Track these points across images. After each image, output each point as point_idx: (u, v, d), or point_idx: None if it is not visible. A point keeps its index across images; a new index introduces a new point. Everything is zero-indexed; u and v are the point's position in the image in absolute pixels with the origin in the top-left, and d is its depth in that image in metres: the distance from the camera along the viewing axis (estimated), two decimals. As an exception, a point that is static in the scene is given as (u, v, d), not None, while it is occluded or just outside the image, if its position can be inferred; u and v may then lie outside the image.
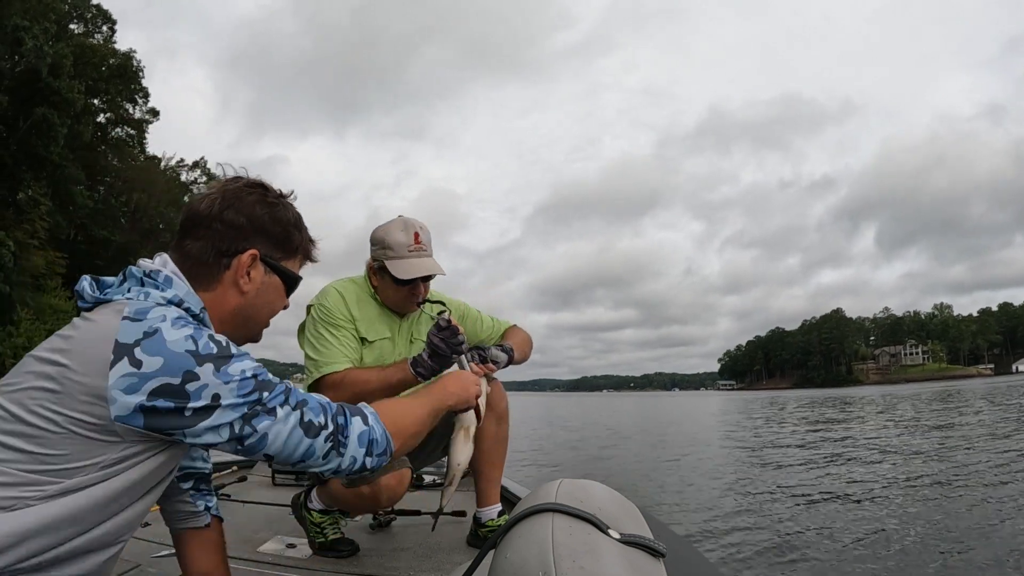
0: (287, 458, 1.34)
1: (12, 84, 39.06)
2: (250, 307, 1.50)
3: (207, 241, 1.43)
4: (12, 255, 35.81)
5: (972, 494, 9.41)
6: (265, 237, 1.49)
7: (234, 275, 1.45)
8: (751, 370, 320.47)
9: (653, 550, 1.04)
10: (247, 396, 1.26)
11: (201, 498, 1.74)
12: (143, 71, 52.32)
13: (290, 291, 1.58)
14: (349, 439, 1.40)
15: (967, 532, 7.29)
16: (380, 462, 1.46)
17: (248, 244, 1.46)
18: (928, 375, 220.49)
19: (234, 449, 1.30)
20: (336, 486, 2.58)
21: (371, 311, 2.80)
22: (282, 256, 1.53)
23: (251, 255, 1.46)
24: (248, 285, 1.47)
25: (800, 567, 6.50)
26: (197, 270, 1.43)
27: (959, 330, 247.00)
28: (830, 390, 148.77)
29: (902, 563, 6.43)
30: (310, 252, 1.62)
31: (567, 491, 1.12)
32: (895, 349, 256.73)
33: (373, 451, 1.44)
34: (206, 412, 1.23)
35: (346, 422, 1.41)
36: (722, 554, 7.01)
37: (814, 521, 8.44)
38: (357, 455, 1.42)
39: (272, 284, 1.52)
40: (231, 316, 1.47)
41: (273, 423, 1.29)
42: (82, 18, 49.02)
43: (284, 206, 1.54)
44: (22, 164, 41.13)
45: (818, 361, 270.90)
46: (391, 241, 2.70)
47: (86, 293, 1.33)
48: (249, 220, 1.46)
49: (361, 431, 1.43)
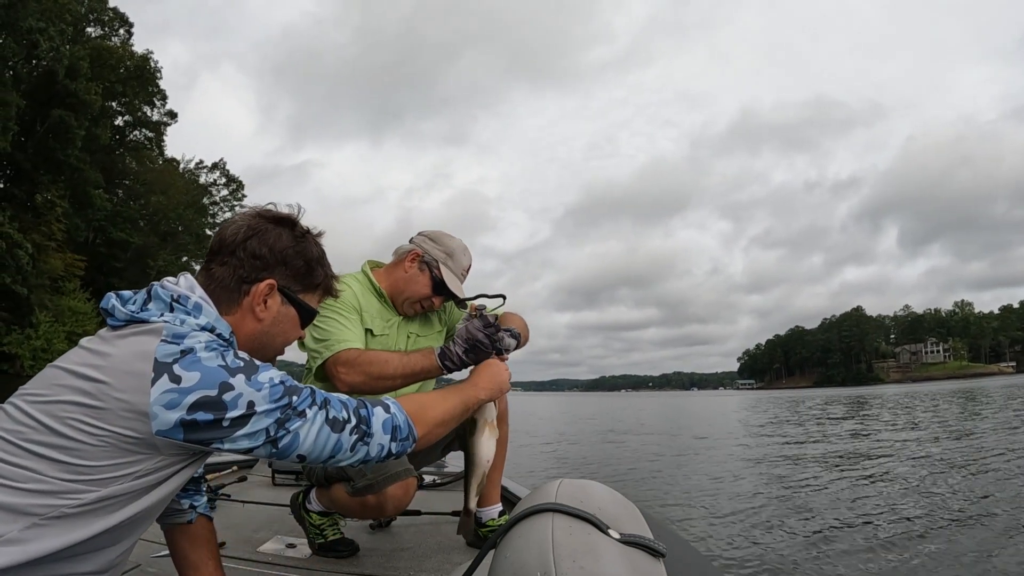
0: (318, 456, 1.39)
1: (29, 87, 39.49)
2: (265, 335, 1.54)
3: (230, 268, 1.49)
4: (30, 257, 36.28)
5: (995, 510, 8.73)
6: (286, 269, 1.53)
7: (251, 302, 1.50)
8: (770, 369, 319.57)
9: (653, 550, 1.03)
10: (279, 401, 1.31)
11: (186, 497, 1.78)
12: (160, 72, 52.77)
13: (305, 324, 1.63)
14: (373, 428, 1.46)
15: (981, 547, 7.09)
16: (405, 447, 1.54)
17: (268, 274, 1.51)
18: (949, 373, 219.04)
19: (268, 452, 1.34)
20: (340, 493, 2.58)
21: (373, 306, 2.80)
22: (301, 289, 1.58)
23: (268, 284, 1.50)
24: (264, 313, 1.52)
25: (801, 567, 6.46)
26: (221, 294, 1.48)
27: (980, 327, 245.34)
28: (850, 389, 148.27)
29: (905, 565, 6.38)
30: (331, 288, 1.67)
31: (567, 491, 1.11)
32: (916, 347, 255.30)
33: (397, 436, 1.51)
34: (243, 420, 1.28)
35: (368, 413, 1.47)
36: (722, 554, 6.97)
37: (815, 522, 8.36)
38: (383, 442, 1.48)
39: (288, 315, 1.57)
40: (247, 341, 1.51)
41: (304, 423, 1.35)
42: (99, 21, 49.51)
43: (309, 242, 1.59)
44: (39, 167, 41.63)
45: (838, 359, 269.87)
46: (457, 257, 2.81)
47: (117, 311, 1.36)
48: (271, 252, 1.51)
49: (384, 419, 1.49)
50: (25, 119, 39.31)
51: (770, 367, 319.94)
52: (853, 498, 9.79)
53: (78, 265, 42.88)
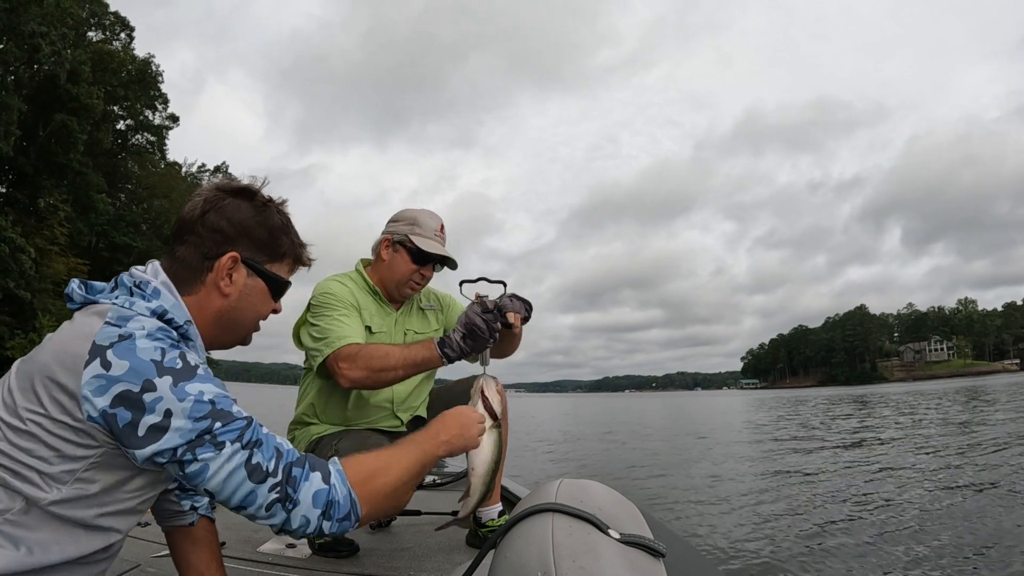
0: (226, 500, 1.23)
1: (31, 92, 39.54)
2: (233, 310, 1.47)
3: (191, 246, 1.43)
4: (33, 261, 36.28)
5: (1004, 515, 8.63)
6: (249, 240, 1.47)
7: (215, 278, 1.43)
8: (774, 368, 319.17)
9: (653, 550, 1.03)
10: (199, 421, 1.20)
11: (187, 498, 1.74)
12: (162, 76, 52.85)
13: (277, 295, 1.55)
14: (300, 495, 1.26)
15: (983, 546, 7.04)
16: (343, 528, 1.31)
17: (230, 247, 1.44)
18: (953, 371, 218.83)
19: (176, 474, 1.22)
20: None
21: (370, 304, 2.82)
22: (267, 259, 1.50)
23: (231, 257, 1.43)
24: (229, 288, 1.45)
25: (801, 567, 6.45)
26: (184, 274, 1.42)
27: (984, 325, 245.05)
28: (854, 388, 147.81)
29: (906, 566, 6.36)
30: (300, 256, 1.58)
31: (567, 491, 1.11)
32: (919, 345, 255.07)
33: (332, 514, 1.28)
34: (156, 433, 1.17)
35: (301, 476, 1.27)
36: (722, 554, 6.96)
37: (816, 522, 8.32)
38: (311, 516, 1.26)
39: (256, 288, 1.49)
40: (215, 318, 1.45)
41: (216, 457, 1.21)
42: (100, 25, 49.55)
43: (271, 210, 1.52)
44: (42, 171, 41.68)
45: (842, 358, 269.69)
46: (422, 221, 2.80)
47: (75, 294, 1.35)
48: (231, 224, 1.45)
49: (318, 489, 1.28)
50: (27, 123, 39.33)
51: (774, 367, 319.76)
52: (855, 498, 9.76)
53: (81, 269, 42.81)
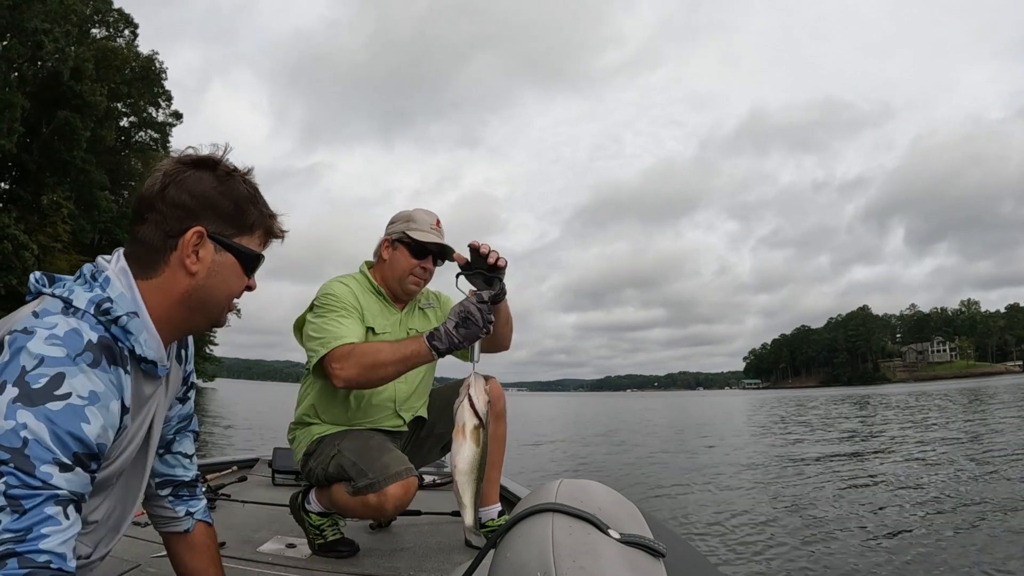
0: None
1: (34, 89, 39.57)
2: (202, 289, 1.36)
3: (153, 224, 1.33)
4: (36, 259, 36.35)
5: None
6: (214, 213, 1.36)
7: (180, 256, 1.33)
8: (776, 368, 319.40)
9: (653, 550, 1.03)
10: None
11: (182, 504, 1.70)
12: (165, 73, 52.92)
13: (250, 270, 1.44)
14: None
15: (984, 547, 7.00)
16: None
17: (194, 222, 1.33)
18: (956, 372, 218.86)
19: None
20: (340, 493, 2.58)
21: (374, 306, 2.84)
22: (235, 232, 1.39)
23: (195, 233, 1.32)
24: (196, 265, 1.34)
25: (801, 568, 6.45)
26: (145, 256, 1.33)
27: (987, 326, 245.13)
28: (856, 388, 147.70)
29: (907, 567, 6.36)
30: (271, 227, 1.47)
31: (567, 491, 1.11)
32: (922, 346, 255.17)
33: None
34: None
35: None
36: (722, 554, 6.96)
37: (817, 522, 8.32)
38: None
39: (226, 263, 1.38)
40: (182, 299, 1.36)
41: None
42: (104, 22, 49.60)
43: (236, 180, 1.41)
44: (45, 168, 41.74)
45: (844, 359, 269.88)
46: (417, 218, 2.83)
47: (32, 286, 1.29)
48: (193, 197, 1.34)
49: None
50: (30, 120, 39.39)
51: (776, 367, 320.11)
52: (856, 499, 9.75)
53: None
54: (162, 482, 1.67)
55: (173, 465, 1.69)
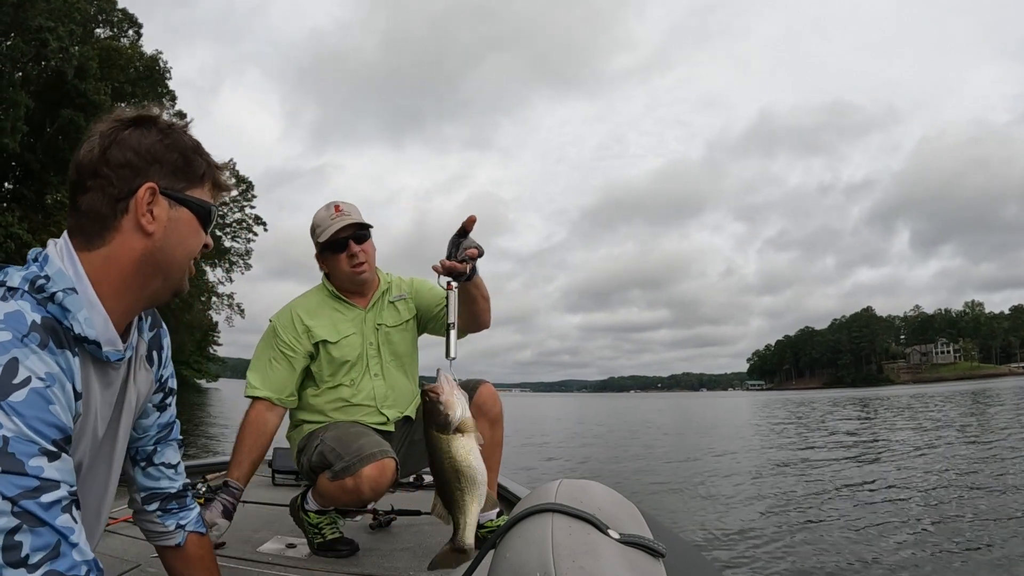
0: None
1: (38, 88, 39.63)
2: (159, 251, 1.27)
3: (98, 191, 1.24)
4: (40, 257, 36.39)
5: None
6: (162, 168, 1.28)
7: (134, 217, 1.24)
8: (780, 370, 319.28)
9: (653, 550, 1.03)
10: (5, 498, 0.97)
11: (171, 517, 1.64)
12: (170, 73, 52.92)
13: (206, 225, 1.37)
14: None
15: (986, 548, 6.98)
16: None
17: (143, 180, 1.25)
18: (960, 374, 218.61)
19: None
20: (323, 482, 2.62)
21: (332, 313, 2.91)
22: (186, 185, 1.32)
23: (148, 189, 1.24)
24: (152, 224, 1.25)
25: (801, 568, 6.44)
26: (90, 226, 1.24)
27: (991, 327, 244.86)
28: (860, 390, 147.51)
29: (907, 568, 6.34)
30: (219, 179, 1.41)
31: (567, 491, 1.11)
32: (926, 348, 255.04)
33: None
34: None
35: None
36: (722, 555, 6.96)
37: (817, 523, 8.31)
38: None
39: (182, 218, 1.31)
40: (138, 265, 1.26)
41: None
42: (108, 21, 49.60)
43: (177, 132, 1.34)
44: (49, 167, 41.75)
45: (848, 360, 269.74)
46: (317, 221, 2.87)
47: None
48: (137, 154, 1.25)
49: None
50: (34, 119, 39.44)
51: (780, 368, 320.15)
52: (857, 501, 9.72)
53: (88, 266, 42.95)
54: (148, 496, 1.63)
55: (157, 478, 1.63)
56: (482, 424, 2.69)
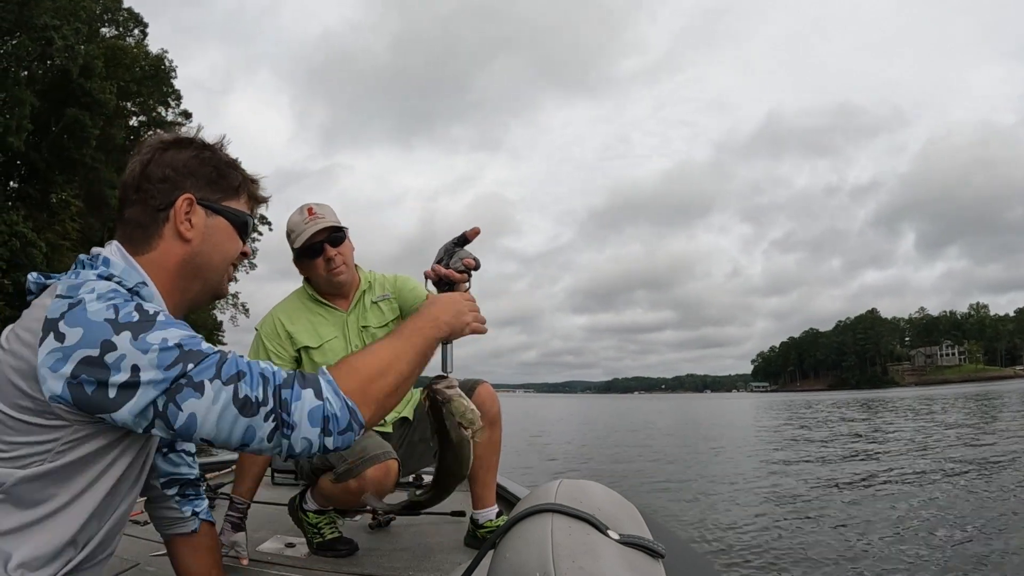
0: (225, 442, 1.15)
1: (43, 87, 39.64)
2: (198, 255, 1.39)
3: (140, 204, 1.37)
4: (44, 256, 36.44)
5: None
6: (198, 180, 1.40)
7: (174, 225, 1.36)
8: (784, 371, 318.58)
9: (652, 551, 1.03)
10: (169, 369, 1.11)
11: (188, 504, 1.72)
12: (175, 72, 52.93)
13: (243, 234, 1.48)
14: (295, 417, 1.15)
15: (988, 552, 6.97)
16: (346, 441, 1.21)
17: (181, 191, 1.37)
18: (964, 376, 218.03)
19: (166, 433, 1.15)
20: (325, 483, 2.62)
21: (312, 318, 2.91)
22: (221, 196, 1.44)
23: (186, 200, 1.37)
24: (190, 232, 1.37)
25: (801, 569, 6.44)
26: (137, 234, 1.36)
27: (996, 329, 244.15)
28: (864, 392, 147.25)
29: (907, 571, 6.34)
30: (254, 191, 1.52)
31: (566, 491, 1.11)
32: (931, 350, 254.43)
33: (332, 429, 1.18)
34: (129, 390, 1.10)
35: (292, 396, 1.16)
36: (721, 555, 6.97)
37: (817, 524, 8.33)
38: (311, 436, 1.16)
39: (218, 226, 1.42)
40: (180, 268, 1.37)
41: (200, 400, 1.12)
42: (113, 21, 49.60)
43: (213, 150, 1.46)
44: (54, 166, 41.80)
45: (853, 362, 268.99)
46: (291, 226, 2.85)
47: (31, 284, 1.28)
48: (174, 169, 1.38)
49: (312, 407, 1.17)
50: (40, 118, 39.42)
51: (784, 370, 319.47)
52: (857, 502, 9.77)
53: (92, 264, 42.90)
54: (168, 481, 1.69)
55: (178, 464, 1.71)
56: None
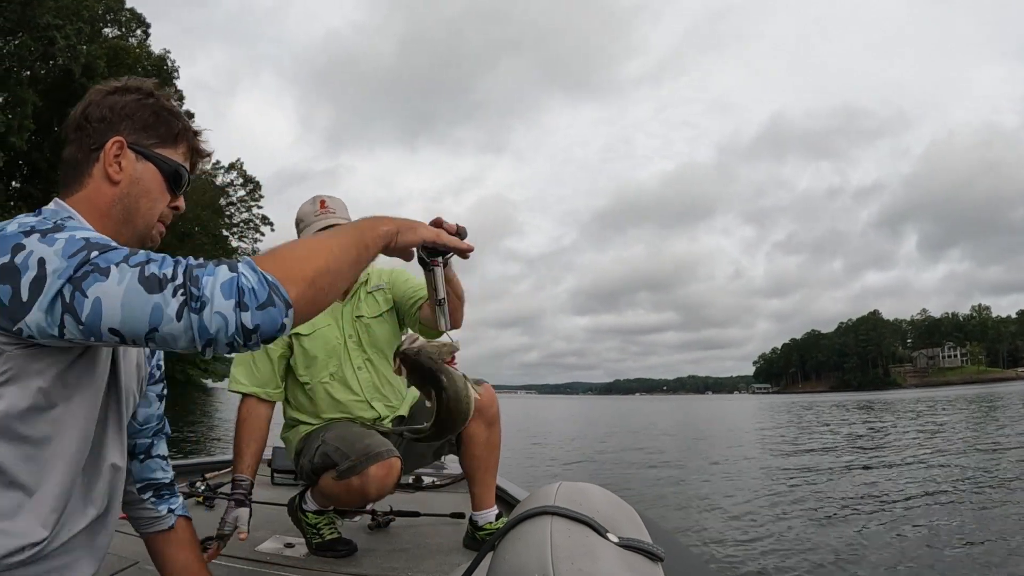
0: (134, 330, 1.04)
1: (45, 87, 39.73)
2: (126, 197, 1.35)
3: (76, 143, 1.35)
4: (47, 256, 36.51)
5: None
6: (134, 123, 1.37)
7: (103, 167, 1.33)
8: (786, 373, 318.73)
9: (651, 554, 1.02)
10: (73, 256, 1.05)
11: (163, 503, 1.74)
12: (177, 72, 53.05)
13: (175, 184, 1.42)
14: (206, 290, 1.03)
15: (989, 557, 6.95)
16: (270, 318, 1.06)
17: (114, 133, 1.34)
18: (966, 378, 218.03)
19: (76, 330, 1.05)
20: (327, 482, 2.60)
21: None
22: (157, 143, 1.39)
23: (115, 142, 1.33)
24: (119, 174, 1.34)
25: (802, 573, 6.43)
26: (71, 173, 1.35)
27: (998, 331, 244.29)
28: (866, 393, 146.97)
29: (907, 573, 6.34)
30: (195, 143, 1.48)
31: (566, 494, 1.10)
32: (933, 351, 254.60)
33: (248, 303, 1.04)
34: (37, 285, 1.04)
35: (204, 272, 1.05)
36: (721, 559, 6.96)
37: (817, 528, 8.28)
38: (225, 311, 1.03)
39: (147, 173, 1.38)
40: (108, 209, 1.34)
41: (105, 283, 1.03)
42: (115, 21, 49.69)
43: (157, 96, 1.41)
44: (56, 166, 41.79)
45: (854, 364, 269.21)
46: (302, 214, 2.86)
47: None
48: (112, 110, 1.35)
49: (225, 279, 1.04)
50: (42, 118, 39.52)
51: (786, 371, 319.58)
52: (858, 504, 9.72)
53: (95, 264, 42.93)
54: (144, 486, 1.72)
55: (154, 469, 1.74)
56: (479, 425, 2.74)
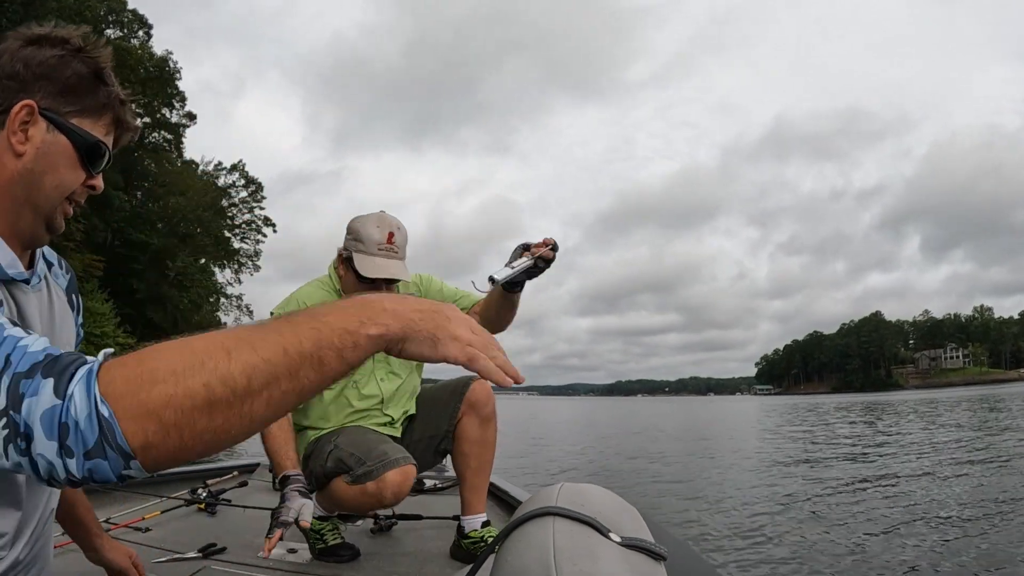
0: None
1: (48, 88, 39.75)
2: (30, 173, 1.13)
3: None
4: (49, 257, 36.50)
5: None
6: (49, 84, 1.13)
7: (7, 134, 1.10)
8: (788, 374, 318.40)
9: (654, 553, 1.02)
10: None
11: None
12: (179, 74, 53.08)
13: (92, 161, 1.19)
14: (29, 419, 0.71)
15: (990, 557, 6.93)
16: (99, 469, 0.71)
17: (25, 95, 1.11)
18: (969, 379, 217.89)
19: None
20: (339, 486, 2.56)
21: None
22: (75, 112, 1.16)
23: (24, 106, 1.10)
24: (24, 145, 1.11)
25: (803, 573, 6.43)
26: None
27: (1000, 332, 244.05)
28: (868, 395, 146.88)
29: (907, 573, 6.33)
30: (121, 115, 1.24)
31: (568, 495, 1.10)
32: (935, 352, 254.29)
33: (73, 447, 0.70)
34: None
35: (29, 388, 0.72)
36: (724, 558, 6.95)
37: (819, 528, 8.28)
38: (48, 455, 0.70)
39: (57, 145, 1.14)
40: (9, 184, 1.12)
41: None
42: (118, 22, 49.73)
43: (82, 56, 1.17)
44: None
45: (857, 365, 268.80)
46: (364, 235, 2.67)
47: None
48: (27, 66, 1.12)
49: (46, 408, 0.71)
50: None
51: (788, 372, 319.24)
52: (859, 504, 9.71)
53: (97, 266, 42.87)
54: None
55: None
56: (473, 421, 2.73)
